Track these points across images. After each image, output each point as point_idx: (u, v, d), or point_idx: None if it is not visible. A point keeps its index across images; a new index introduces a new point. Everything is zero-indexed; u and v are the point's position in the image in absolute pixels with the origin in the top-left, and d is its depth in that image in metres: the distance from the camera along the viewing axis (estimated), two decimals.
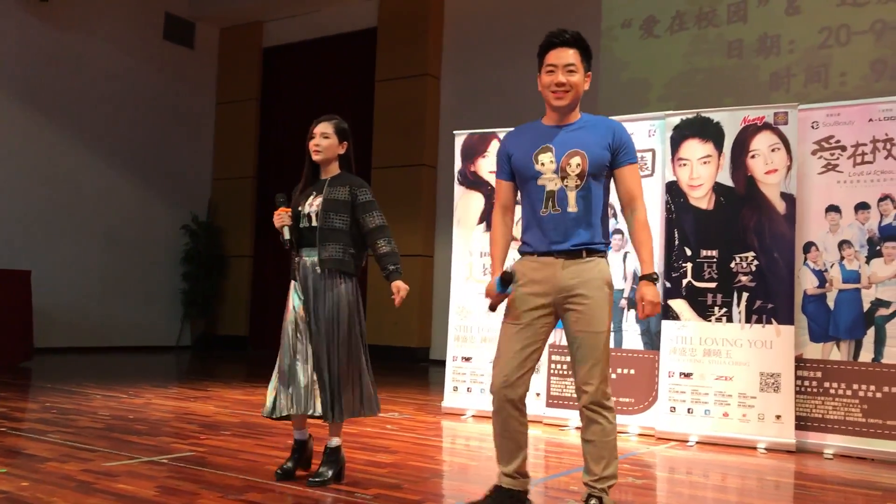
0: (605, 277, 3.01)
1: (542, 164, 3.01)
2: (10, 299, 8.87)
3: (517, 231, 3.41)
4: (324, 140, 3.80)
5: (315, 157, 3.79)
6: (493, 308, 3.10)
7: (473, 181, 6.27)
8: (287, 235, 3.75)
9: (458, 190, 6.35)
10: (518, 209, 3.26)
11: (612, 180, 3.12)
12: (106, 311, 11.55)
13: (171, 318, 12.75)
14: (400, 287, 3.65)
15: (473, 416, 5.96)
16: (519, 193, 3.17)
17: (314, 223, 3.69)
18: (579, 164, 2.97)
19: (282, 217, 3.76)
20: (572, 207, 2.98)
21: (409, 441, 4.91)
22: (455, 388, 6.17)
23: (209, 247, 12.89)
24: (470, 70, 11.36)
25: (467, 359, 6.13)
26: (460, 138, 6.43)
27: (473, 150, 6.30)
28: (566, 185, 2.99)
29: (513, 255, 3.22)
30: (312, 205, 3.73)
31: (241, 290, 13.20)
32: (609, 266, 3.09)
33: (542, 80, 3.04)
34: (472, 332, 6.14)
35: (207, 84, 13.55)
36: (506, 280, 3.01)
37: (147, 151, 12.38)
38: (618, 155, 3.02)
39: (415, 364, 10.94)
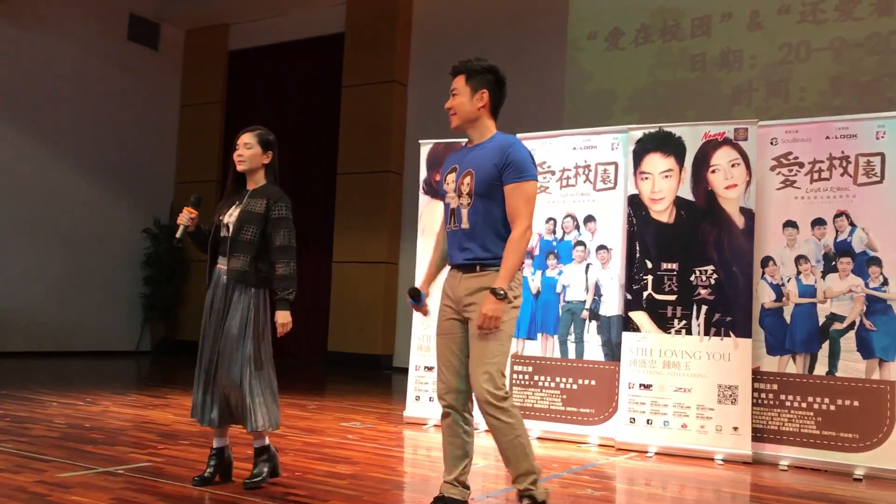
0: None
1: (448, 184, 3.24)
2: None
3: None
4: (247, 150, 3.83)
5: (239, 167, 3.83)
6: (423, 314, 3.47)
7: (438, 191, 6.27)
8: (178, 235, 3.82)
9: (423, 199, 6.36)
10: None
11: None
12: (64, 314, 11.36)
13: (131, 322, 12.57)
14: (279, 320, 3.68)
15: (435, 425, 5.96)
16: None
17: (230, 233, 3.74)
18: (468, 184, 3.15)
19: (183, 216, 3.80)
20: (465, 224, 3.16)
21: (370, 451, 4.90)
22: (417, 398, 6.16)
23: (170, 250, 12.73)
24: (437, 78, 11.28)
25: (430, 368, 6.13)
26: (426, 147, 6.44)
27: (439, 160, 6.31)
28: (461, 203, 3.18)
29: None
30: (232, 215, 3.77)
31: (202, 295, 13.01)
32: None
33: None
34: (433, 342, 6.12)
35: (172, 86, 13.41)
36: (412, 295, 3.37)
37: (109, 153, 12.20)
38: (504, 173, 3.11)
39: (378, 371, 10.90)
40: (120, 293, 12.34)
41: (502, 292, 3.01)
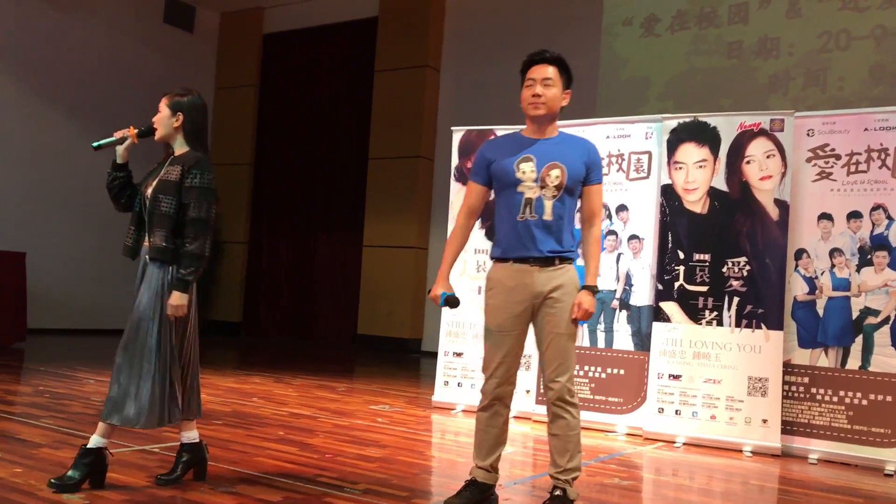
0: (575, 283, 3.23)
1: (524, 173, 3.20)
2: (5, 281, 8.87)
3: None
4: (159, 114, 3.55)
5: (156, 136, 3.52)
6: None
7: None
8: (101, 142, 3.53)
9: (455, 186, 6.37)
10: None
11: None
12: (100, 293, 11.55)
13: None
14: (172, 301, 3.26)
15: (463, 410, 6.01)
16: (494, 199, 3.36)
17: (147, 206, 3.41)
18: (558, 177, 3.17)
19: (121, 132, 3.52)
20: (548, 216, 3.18)
21: (399, 435, 4.95)
22: (446, 383, 6.21)
23: None
24: (470, 63, 11.35)
25: (459, 354, 6.17)
26: (458, 134, 6.45)
27: (471, 147, 6.32)
28: (544, 195, 3.18)
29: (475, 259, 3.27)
30: (150, 186, 3.44)
31: (235, 277, 13.22)
32: (577, 273, 3.28)
33: (523, 94, 3.28)
34: (464, 328, 6.17)
35: (206, 69, 13.52)
36: (451, 304, 3.27)
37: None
38: (590, 173, 3.25)
39: (406, 355, 10.98)
40: None
41: (597, 289, 3.26)
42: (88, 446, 3.26)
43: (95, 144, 3.56)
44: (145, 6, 12.42)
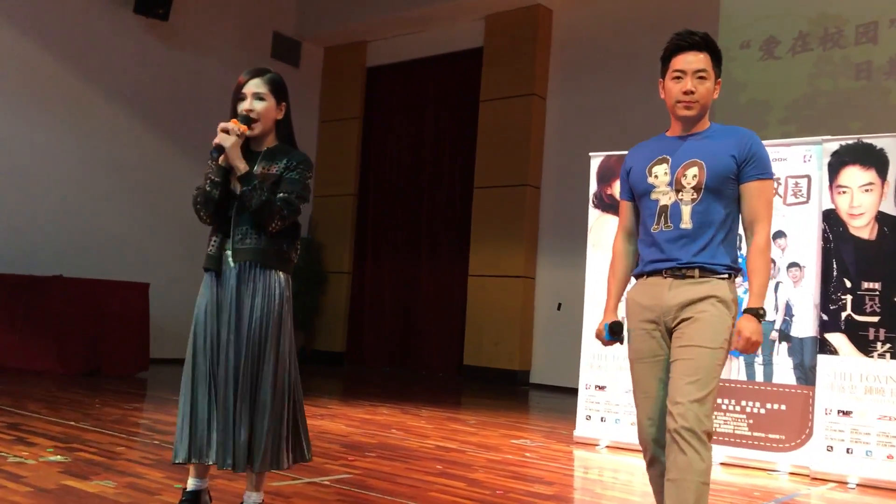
0: (720, 294, 2.62)
1: (656, 177, 2.73)
2: (129, 311, 9.08)
3: None
4: (259, 103, 2.97)
5: (252, 131, 2.98)
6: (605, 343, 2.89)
7: (609, 204, 6.13)
8: (227, 140, 2.88)
9: (594, 213, 6.22)
10: None
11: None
12: None
13: None
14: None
15: (608, 446, 5.80)
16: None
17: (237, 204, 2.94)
18: (696, 176, 2.66)
19: (231, 128, 2.90)
20: (686, 224, 2.66)
21: (556, 471, 4.79)
22: (588, 417, 6.01)
23: (309, 262, 13.02)
24: (577, 90, 11.24)
25: (601, 387, 5.97)
26: (596, 160, 6.31)
27: (610, 172, 6.17)
28: (681, 199, 2.67)
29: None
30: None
31: (339, 306, 13.29)
32: (734, 290, 2.70)
33: (668, 87, 2.74)
34: (606, 361, 5.98)
35: (312, 102, 13.76)
36: (615, 330, 2.82)
37: None
38: (745, 167, 2.66)
39: (515, 387, 10.79)
40: None
41: (763, 311, 2.60)
42: (188, 489, 2.98)
43: (215, 154, 2.96)
44: (254, 42, 12.73)
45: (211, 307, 2.95)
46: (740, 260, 2.76)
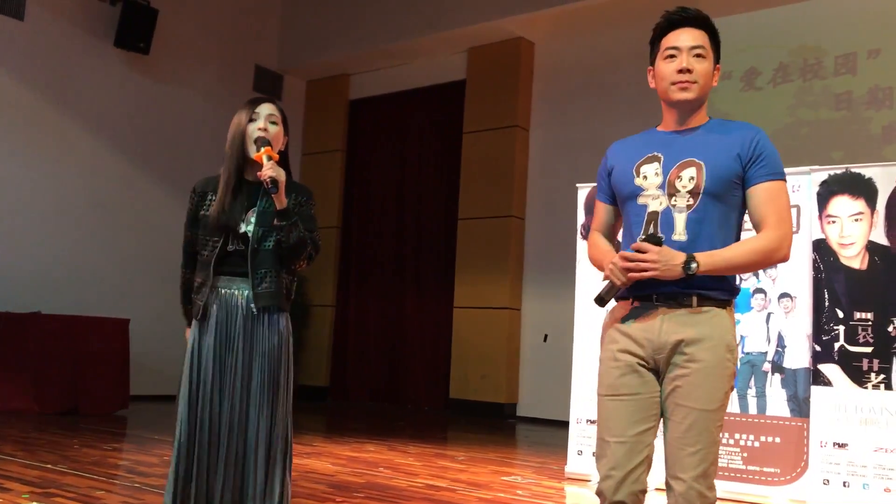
0: (724, 336, 2.25)
1: (645, 178, 2.34)
2: (109, 347, 8.90)
3: None
4: (273, 127, 2.94)
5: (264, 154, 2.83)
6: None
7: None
8: (282, 173, 2.86)
9: (582, 244, 6.17)
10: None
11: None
12: None
13: None
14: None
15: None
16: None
17: (250, 243, 2.85)
18: (693, 178, 2.27)
19: (270, 162, 2.80)
20: (679, 235, 2.26)
21: None
22: (579, 452, 5.91)
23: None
24: (560, 121, 11.26)
25: (593, 422, 5.87)
26: (583, 191, 6.27)
27: None
28: (674, 205, 2.28)
29: None
30: (249, 221, 2.87)
31: (323, 341, 13.12)
32: (733, 321, 2.33)
33: (659, 70, 2.38)
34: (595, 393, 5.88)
35: (294, 135, 13.59)
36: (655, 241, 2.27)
37: None
38: (751, 168, 2.29)
39: (502, 420, 10.65)
40: None
41: (696, 265, 2.17)
42: None
43: (271, 187, 2.83)
44: (236, 76, 12.69)
45: (219, 350, 2.81)
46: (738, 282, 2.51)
